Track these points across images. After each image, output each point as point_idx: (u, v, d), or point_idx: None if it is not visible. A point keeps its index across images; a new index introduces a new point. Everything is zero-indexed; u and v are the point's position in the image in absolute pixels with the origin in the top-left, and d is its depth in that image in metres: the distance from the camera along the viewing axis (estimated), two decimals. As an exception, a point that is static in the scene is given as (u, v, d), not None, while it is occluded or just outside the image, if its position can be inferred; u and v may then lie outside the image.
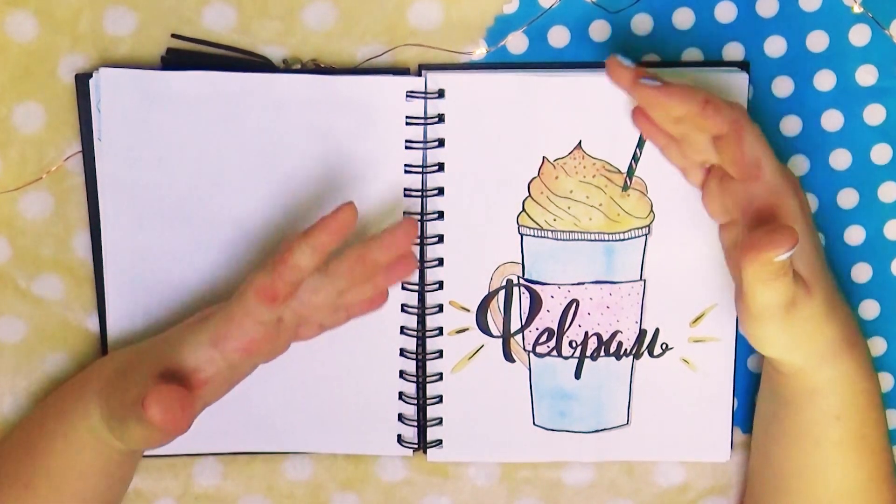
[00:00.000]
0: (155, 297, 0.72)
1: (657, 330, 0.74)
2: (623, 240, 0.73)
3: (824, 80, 0.73)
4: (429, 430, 0.75)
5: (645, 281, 0.74)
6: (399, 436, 0.75)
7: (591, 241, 0.73)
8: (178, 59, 0.71)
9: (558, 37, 0.72)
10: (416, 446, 0.75)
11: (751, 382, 0.76)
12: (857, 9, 0.72)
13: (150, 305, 0.72)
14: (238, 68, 0.70)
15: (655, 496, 0.78)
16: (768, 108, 0.73)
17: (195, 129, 0.70)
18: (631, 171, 0.72)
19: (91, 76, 0.70)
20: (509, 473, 0.77)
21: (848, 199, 0.75)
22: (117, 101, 0.70)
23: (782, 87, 0.73)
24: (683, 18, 0.72)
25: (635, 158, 0.71)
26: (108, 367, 0.69)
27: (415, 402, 0.74)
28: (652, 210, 0.73)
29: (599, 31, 0.72)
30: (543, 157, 0.72)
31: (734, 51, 0.73)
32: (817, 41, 0.73)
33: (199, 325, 0.67)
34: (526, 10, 0.71)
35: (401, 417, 0.75)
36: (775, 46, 0.73)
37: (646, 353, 0.75)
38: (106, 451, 0.67)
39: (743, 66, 0.72)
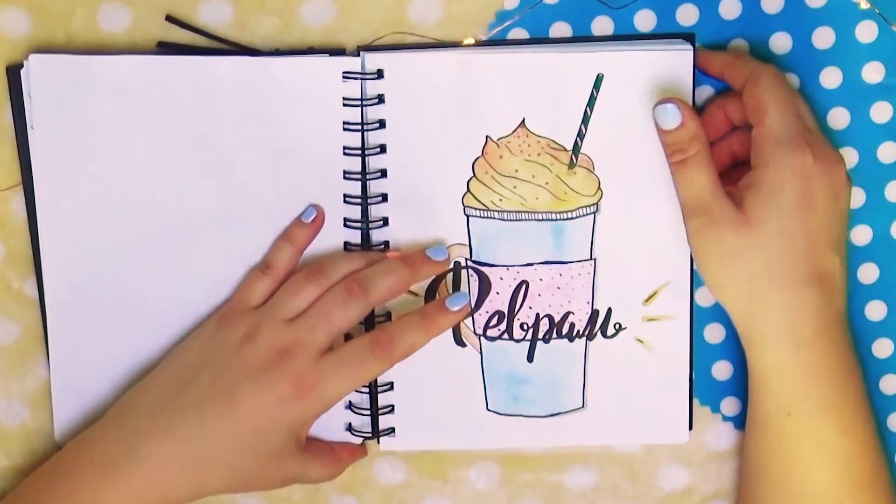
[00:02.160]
0: (94, 288, 0.71)
1: (609, 310, 0.74)
2: (571, 218, 0.72)
3: (830, 78, 0.73)
4: (380, 418, 0.75)
5: (595, 260, 0.73)
6: (349, 424, 0.74)
7: (539, 220, 0.72)
8: (171, 52, 0.70)
9: (560, 33, 0.72)
10: (369, 435, 0.75)
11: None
12: (864, 5, 0.72)
13: (89, 298, 0.72)
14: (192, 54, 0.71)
15: (659, 500, 0.77)
16: (774, 105, 0.73)
17: (129, 115, 0.70)
18: (577, 148, 0.71)
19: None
20: (510, 477, 0.77)
21: (855, 198, 0.74)
22: (48, 88, 0.69)
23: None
24: (687, 15, 0.72)
25: (580, 135, 0.71)
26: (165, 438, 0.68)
27: (365, 389, 0.74)
28: (600, 187, 0.72)
29: (601, 26, 0.72)
30: (487, 137, 0.71)
31: (739, 48, 0.72)
32: (823, 38, 0.72)
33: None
34: (526, 6, 0.71)
35: (350, 405, 0.74)
36: (781, 43, 0.72)
37: (599, 333, 0.74)
38: None
39: (687, 37, 0.72)
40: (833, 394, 0.67)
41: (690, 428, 0.76)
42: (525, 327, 0.74)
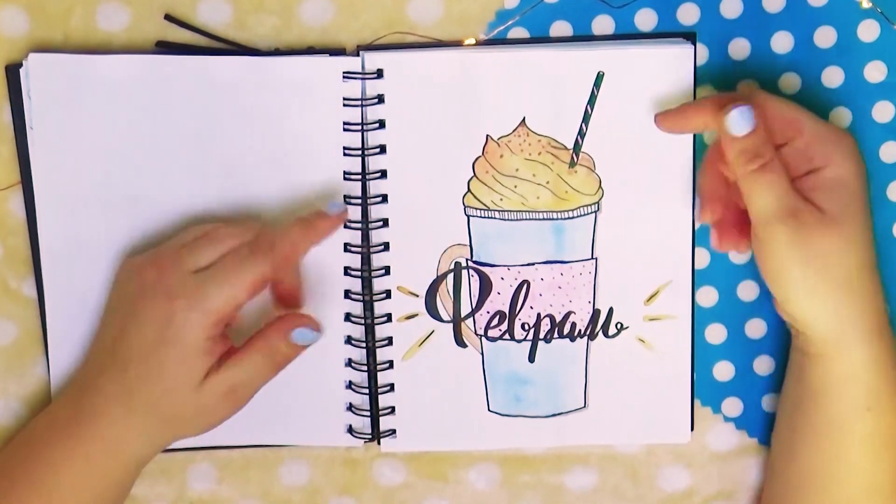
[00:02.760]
0: (93, 288, 0.71)
1: (611, 309, 0.74)
2: (572, 218, 0.72)
3: (832, 77, 0.73)
4: (381, 419, 0.74)
5: (596, 259, 0.73)
6: (350, 426, 0.74)
7: (540, 220, 0.72)
8: (170, 52, 0.70)
9: (561, 32, 0.71)
10: (369, 437, 0.74)
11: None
12: (866, 4, 0.72)
13: (88, 298, 0.71)
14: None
15: (660, 501, 0.77)
16: (775, 104, 0.72)
17: (128, 114, 0.70)
18: (577, 147, 0.71)
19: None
20: (510, 478, 0.77)
21: (856, 197, 0.74)
22: (47, 88, 0.69)
23: (790, 83, 0.73)
24: (688, 14, 0.71)
25: (581, 134, 0.71)
26: (115, 377, 0.68)
27: (366, 391, 0.74)
28: (601, 186, 0.72)
29: (602, 25, 0.71)
30: (487, 136, 0.71)
31: (740, 47, 0.72)
32: (825, 37, 0.72)
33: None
34: (527, 5, 0.71)
35: (351, 407, 0.74)
36: (782, 42, 0.72)
37: (600, 333, 0.74)
38: (123, 462, 0.67)
39: (688, 36, 0.71)
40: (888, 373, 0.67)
41: (692, 429, 0.76)
42: (526, 327, 0.74)
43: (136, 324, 0.66)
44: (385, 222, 0.72)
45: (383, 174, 0.71)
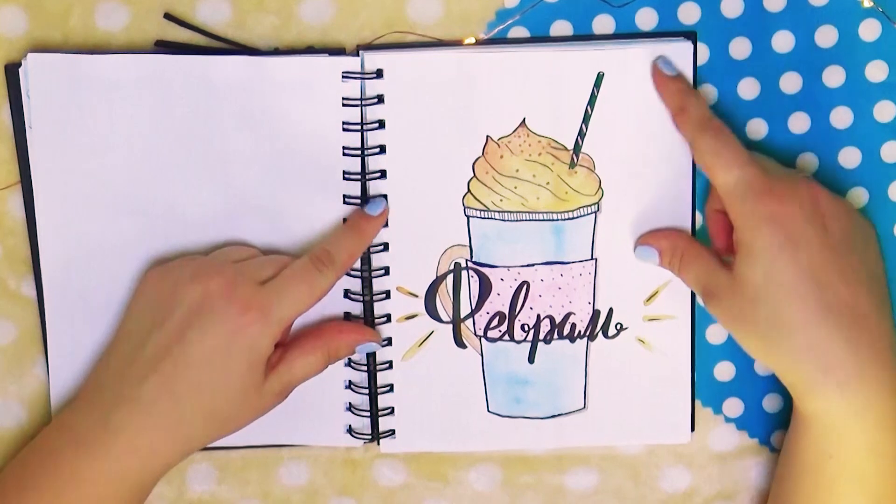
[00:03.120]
0: (93, 288, 0.71)
1: (611, 310, 0.74)
2: (572, 218, 0.72)
3: (833, 77, 0.72)
4: (380, 420, 0.74)
5: (596, 260, 0.73)
6: (350, 426, 0.74)
7: (540, 220, 0.72)
8: (169, 51, 0.70)
9: (561, 31, 0.71)
10: (369, 437, 0.74)
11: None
12: (867, 3, 0.71)
13: (88, 296, 0.71)
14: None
15: (660, 502, 0.77)
16: (776, 104, 0.72)
17: (127, 114, 0.70)
18: (577, 148, 0.71)
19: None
20: (511, 478, 0.76)
21: (857, 197, 0.74)
22: (46, 87, 0.69)
23: (790, 83, 0.72)
24: (689, 13, 0.71)
25: (581, 134, 0.71)
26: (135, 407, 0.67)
27: (366, 391, 0.74)
28: (600, 187, 0.72)
29: (603, 25, 0.71)
30: (487, 136, 0.71)
31: (741, 47, 0.72)
32: (826, 36, 0.72)
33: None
34: (527, 5, 0.71)
35: (351, 407, 0.74)
36: (783, 41, 0.72)
37: (600, 334, 0.74)
38: (125, 489, 0.67)
39: (689, 36, 0.71)
40: (876, 437, 0.65)
41: (692, 429, 0.75)
42: (526, 328, 0.74)
43: (200, 332, 0.66)
44: (385, 223, 0.72)
45: (383, 174, 0.71)
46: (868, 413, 0.65)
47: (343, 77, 0.70)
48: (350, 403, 0.74)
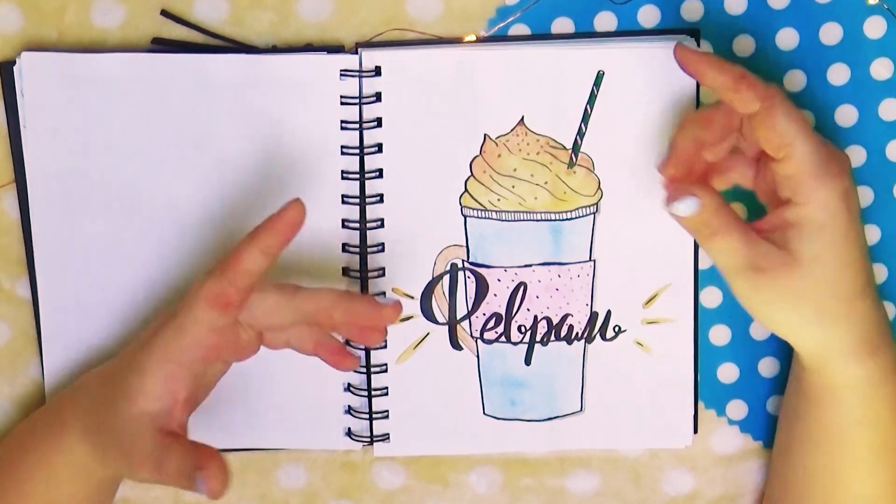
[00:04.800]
0: (88, 288, 0.71)
1: (609, 312, 0.73)
2: (570, 219, 0.72)
3: (838, 74, 0.72)
4: (375, 423, 0.74)
5: (595, 261, 0.73)
6: (348, 429, 0.74)
7: (537, 220, 0.72)
8: (165, 49, 0.70)
9: (562, 29, 0.71)
10: (368, 440, 0.74)
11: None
12: (872, 0, 0.71)
13: (82, 296, 0.71)
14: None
15: (663, 505, 0.77)
16: (780, 102, 0.72)
17: (123, 113, 0.69)
18: (577, 147, 0.71)
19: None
20: (511, 481, 0.76)
21: (862, 197, 0.73)
22: (41, 86, 0.69)
23: (794, 81, 0.72)
24: (692, 10, 0.71)
25: (580, 133, 0.71)
26: (81, 398, 0.67)
27: (365, 394, 0.73)
28: (599, 187, 0.72)
29: (604, 22, 0.71)
30: (485, 135, 0.71)
31: (744, 44, 0.72)
32: (830, 34, 0.72)
33: (151, 344, 0.64)
34: (528, 2, 0.70)
35: (350, 410, 0.74)
36: (787, 39, 0.72)
37: (598, 336, 0.74)
38: (87, 482, 0.66)
39: (692, 33, 0.71)
40: None
41: (695, 431, 0.75)
42: (523, 330, 0.73)
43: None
44: (381, 223, 0.72)
45: (379, 173, 0.71)
46: (892, 377, 0.66)
47: (341, 75, 0.70)
48: (349, 406, 0.74)
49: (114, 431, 0.64)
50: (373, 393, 0.73)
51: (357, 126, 0.70)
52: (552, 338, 0.73)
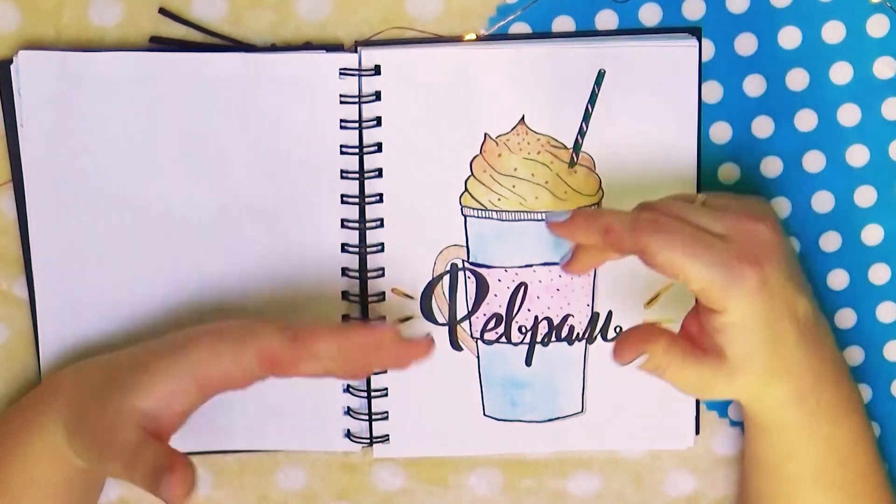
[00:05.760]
0: (85, 288, 0.71)
1: (610, 313, 0.73)
2: None
3: (840, 73, 0.72)
4: (374, 424, 0.74)
5: None
6: (348, 430, 0.74)
7: (538, 220, 0.71)
8: (164, 48, 0.69)
9: (563, 27, 0.71)
10: (368, 441, 0.74)
11: None
12: (875, -2, 0.71)
13: (80, 296, 0.71)
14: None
15: (664, 506, 0.77)
16: (783, 101, 0.72)
17: (120, 112, 0.69)
18: (577, 147, 0.71)
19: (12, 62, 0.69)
20: (512, 483, 0.76)
21: (865, 196, 0.73)
22: (38, 85, 0.68)
23: (797, 79, 0.72)
24: (693, 8, 0.71)
25: (581, 133, 0.70)
26: (71, 380, 0.67)
27: (364, 394, 0.73)
28: (601, 187, 0.71)
29: (605, 20, 0.71)
30: (486, 134, 0.71)
31: (746, 42, 0.71)
32: (833, 32, 0.71)
33: (178, 356, 0.64)
34: (529, 0, 0.70)
35: (349, 411, 0.73)
36: (789, 37, 0.71)
37: (599, 337, 0.73)
38: (61, 468, 0.66)
39: (694, 31, 0.70)
40: (830, 432, 0.66)
41: (697, 433, 0.75)
42: (523, 330, 0.73)
43: None
44: (380, 222, 0.71)
45: (379, 173, 0.71)
46: (822, 413, 0.66)
47: (340, 74, 0.69)
48: (349, 407, 0.73)
49: (95, 420, 0.63)
50: (372, 394, 0.73)
51: (356, 125, 0.70)
52: (553, 338, 0.73)
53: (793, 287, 0.64)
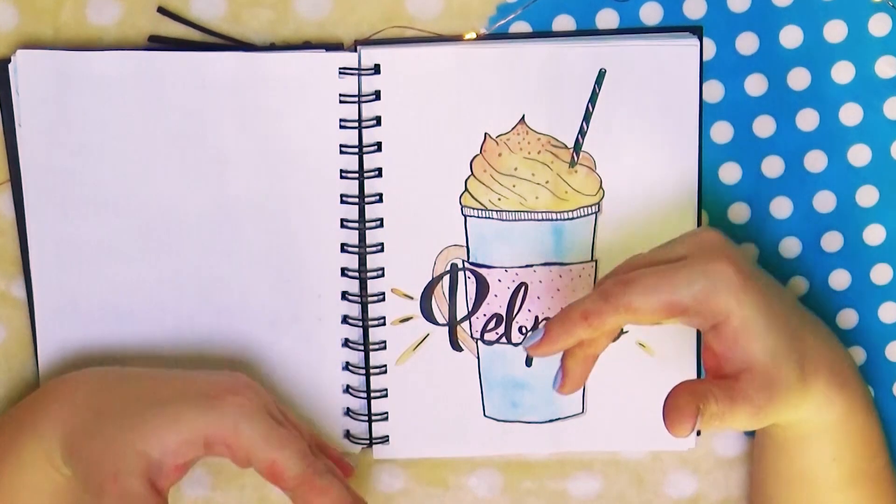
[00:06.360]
0: (84, 289, 0.71)
1: None
2: (572, 219, 0.71)
3: (842, 72, 0.72)
4: (374, 425, 0.73)
5: (596, 262, 0.72)
6: (347, 431, 0.73)
7: (539, 220, 0.71)
8: (162, 47, 0.69)
9: (564, 26, 0.71)
10: (367, 442, 0.74)
11: None
12: (877, -3, 0.71)
13: (78, 297, 0.71)
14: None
15: (665, 508, 0.77)
16: (784, 100, 0.72)
17: (119, 111, 0.69)
18: (578, 146, 0.70)
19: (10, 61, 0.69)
20: (512, 484, 0.76)
21: (867, 196, 0.73)
22: (36, 85, 0.68)
23: (798, 79, 0.72)
24: (694, 7, 0.71)
25: (582, 132, 0.70)
26: (73, 390, 0.67)
27: (364, 395, 0.73)
28: (601, 187, 0.71)
29: (606, 19, 0.71)
30: (486, 134, 0.70)
31: (748, 41, 0.71)
32: (835, 31, 0.71)
33: (202, 411, 0.63)
34: (529, -1, 0.70)
35: (349, 412, 0.73)
36: (791, 37, 0.71)
37: None
38: (57, 476, 0.66)
39: (695, 30, 0.70)
40: (868, 425, 0.68)
41: (698, 434, 0.75)
42: (524, 331, 0.73)
43: None
44: (380, 222, 0.71)
45: (379, 172, 0.70)
46: (862, 409, 0.67)
47: (340, 73, 0.69)
48: (348, 408, 0.73)
49: (97, 451, 0.63)
50: (372, 395, 0.73)
51: (356, 124, 0.70)
52: None
53: (764, 273, 0.66)
